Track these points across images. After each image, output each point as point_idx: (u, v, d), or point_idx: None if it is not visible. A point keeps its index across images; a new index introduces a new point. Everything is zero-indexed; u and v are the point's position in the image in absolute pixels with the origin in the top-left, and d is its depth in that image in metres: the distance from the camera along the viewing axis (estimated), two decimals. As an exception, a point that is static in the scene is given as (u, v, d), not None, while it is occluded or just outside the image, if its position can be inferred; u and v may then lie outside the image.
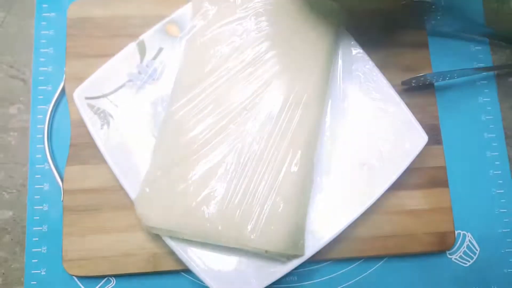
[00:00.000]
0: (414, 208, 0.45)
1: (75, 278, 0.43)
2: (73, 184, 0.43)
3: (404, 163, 0.42)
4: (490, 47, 0.51)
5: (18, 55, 0.48)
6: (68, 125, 0.45)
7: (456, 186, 0.46)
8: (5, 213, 0.45)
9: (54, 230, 0.43)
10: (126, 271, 0.42)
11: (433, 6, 0.47)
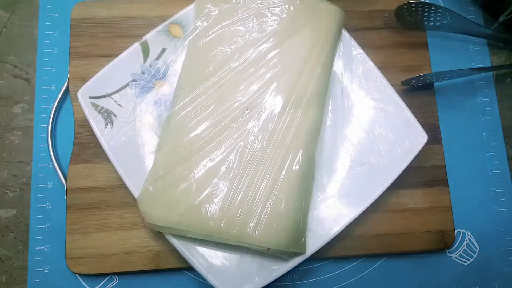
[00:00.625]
0: (414, 206, 0.45)
1: (78, 276, 0.43)
2: (76, 182, 0.43)
3: (404, 162, 0.43)
4: (489, 48, 0.52)
5: (22, 55, 0.49)
6: (71, 124, 0.45)
7: (455, 185, 0.47)
8: (8, 211, 0.45)
9: (57, 228, 0.44)
10: (129, 269, 0.42)
11: (432, 7, 0.47)
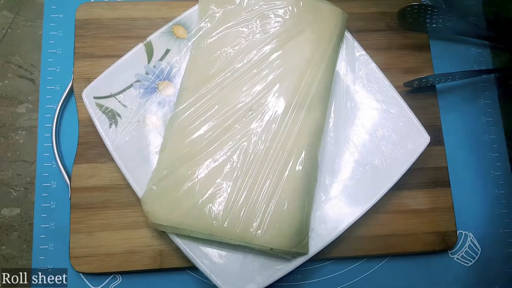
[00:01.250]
0: (416, 207, 0.45)
1: (82, 275, 0.43)
2: (80, 182, 0.44)
3: (406, 163, 0.43)
4: (491, 50, 0.52)
5: (27, 56, 0.49)
6: (75, 124, 0.45)
7: (457, 187, 0.47)
8: (13, 210, 0.45)
9: (61, 227, 0.44)
10: (132, 268, 0.42)
11: (435, 10, 0.47)
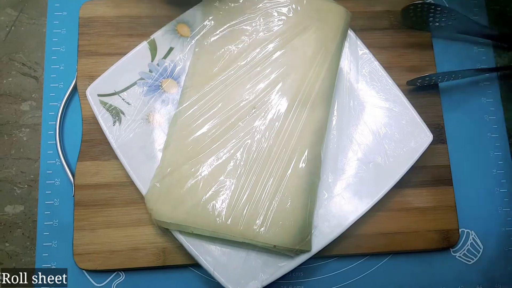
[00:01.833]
0: (419, 205, 0.45)
1: (85, 272, 0.44)
2: (84, 179, 0.44)
3: (409, 162, 0.43)
4: (494, 49, 0.52)
5: (31, 53, 0.49)
6: (78, 121, 0.46)
7: (460, 185, 0.47)
8: (16, 207, 0.45)
9: (64, 224, 0.44)
10: (136, 266, 0.42)
11: (438, 8, 0.47)
